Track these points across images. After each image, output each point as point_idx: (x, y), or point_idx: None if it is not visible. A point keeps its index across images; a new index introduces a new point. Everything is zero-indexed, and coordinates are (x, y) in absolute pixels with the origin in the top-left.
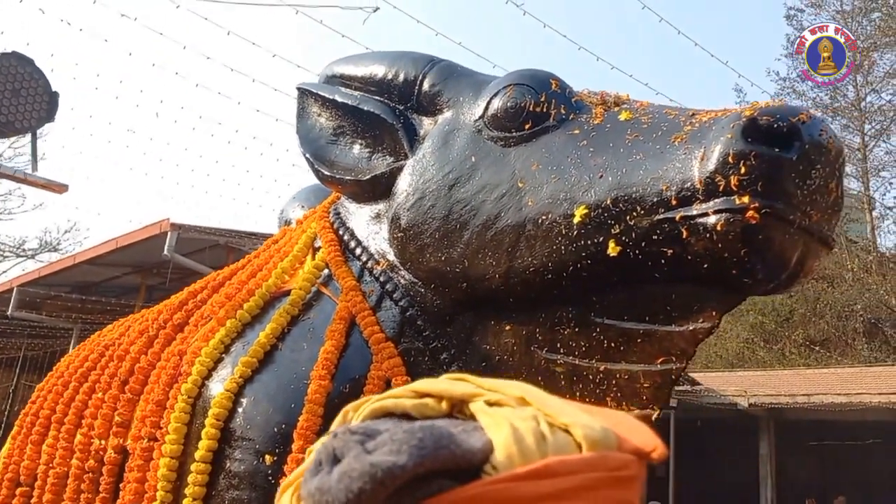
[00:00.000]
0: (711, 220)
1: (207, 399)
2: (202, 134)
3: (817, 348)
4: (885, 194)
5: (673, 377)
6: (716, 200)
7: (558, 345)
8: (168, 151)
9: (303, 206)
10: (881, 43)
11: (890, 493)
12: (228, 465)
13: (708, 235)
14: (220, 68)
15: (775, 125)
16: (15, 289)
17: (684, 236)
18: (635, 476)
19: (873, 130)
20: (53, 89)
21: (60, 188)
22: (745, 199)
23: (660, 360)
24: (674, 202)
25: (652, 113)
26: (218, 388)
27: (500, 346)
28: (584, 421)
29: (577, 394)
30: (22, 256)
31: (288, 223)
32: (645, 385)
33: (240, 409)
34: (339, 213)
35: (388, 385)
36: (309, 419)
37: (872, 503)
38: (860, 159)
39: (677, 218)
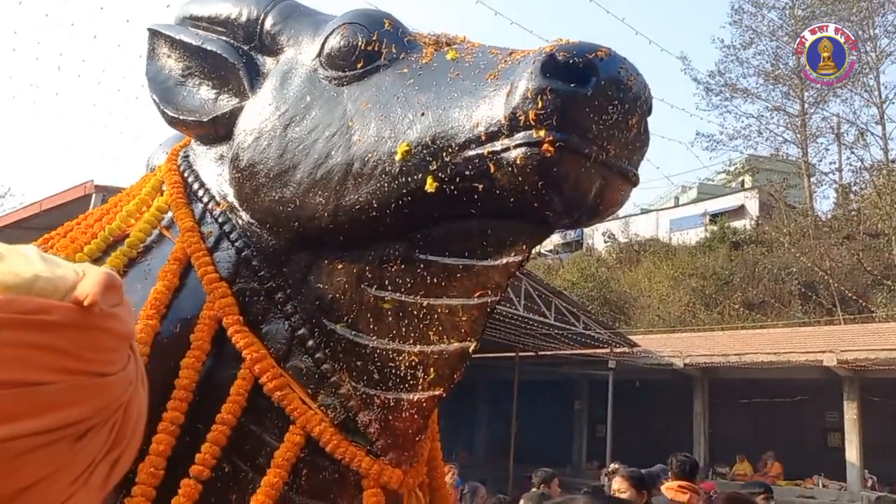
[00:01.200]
0: (513, 154)
1: None
2: (109, 89)
3: (754, 312)
4: (821, 160)
5: (488, 310)
6: (517, 135)
7: (386, 282)
8: (76, 108)
9: (167, 153)
10: (819, 12)
11: (816, 447)
12: None
13: (510, 170)
14: (117, 20)
15: (571, 60)
16: None
17: (492, 171)
18: (61, 322)
19: (812, 98)
20: None
21: None
22: (542, 133)
23: (477, 293)
24: (483, 138)
25: (476, 52)
26: None
27: (333, 285)
28: (14, 269)
29: (403, 329)
30: None
31: (153, 171)
32: (463, 318)
33: None
34: (187, 157)
35: (219, 325)
36: None
37: (800, 458)
38: (800, 126)
39: (485, 153)
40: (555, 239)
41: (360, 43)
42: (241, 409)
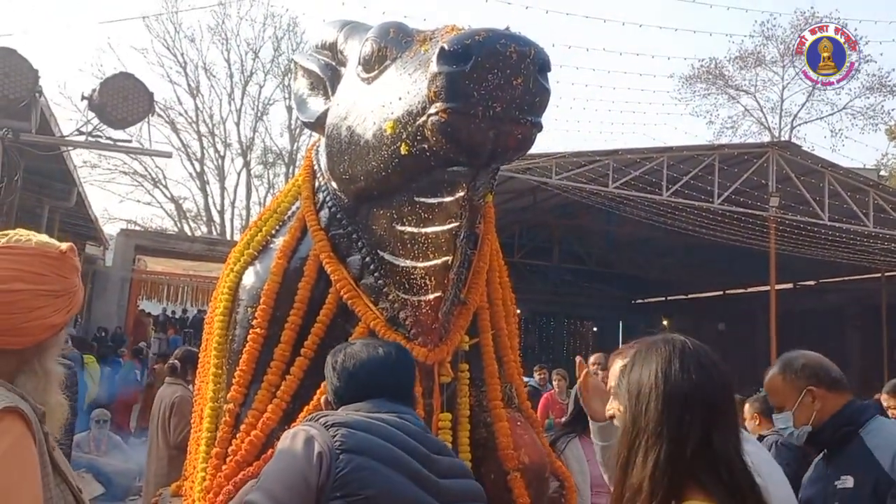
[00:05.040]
0: (429, 121)
1: None
2: None
3: None
4: None
5: (455, 233)
6: (430, 108)
7: (404, 220)
8: None
9: None
10: None
11: None
12: (234, 315)
13: (429, 132)
14: None
15: (452, 49)
16: None
17: (426, 135)
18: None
19: None
20: (150, 90)
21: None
22: (438, 105)
23: (448, 220)
24: (419, 111)
25: (436, 43)
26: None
27: (380, 226)
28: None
29: (416, 251)
30: None
31: None
32: (443, 240)
33: (242, 283)
34: (317, 147)
35: (318, 260)
36: (270, 285)
37: None
38: None
39: (421, 122)
40: None
41: (374, 50)
42: (331, 313)
